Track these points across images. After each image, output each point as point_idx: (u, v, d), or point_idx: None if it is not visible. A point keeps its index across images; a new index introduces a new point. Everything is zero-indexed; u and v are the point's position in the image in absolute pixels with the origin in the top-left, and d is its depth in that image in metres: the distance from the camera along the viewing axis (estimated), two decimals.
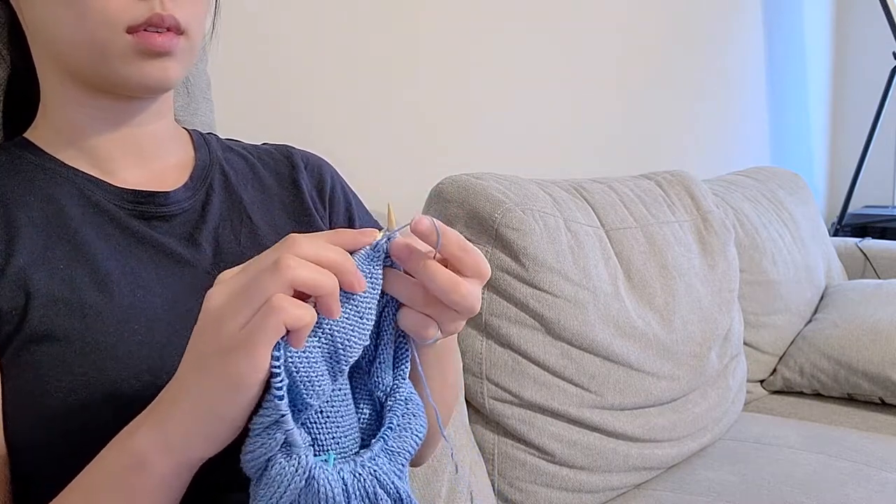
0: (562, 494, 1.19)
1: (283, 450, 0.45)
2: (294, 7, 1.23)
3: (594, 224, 1.32)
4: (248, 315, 0.43)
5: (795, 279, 1.89)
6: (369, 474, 0.47)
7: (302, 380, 0.45)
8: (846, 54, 3.36)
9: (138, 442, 0.46)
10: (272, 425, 0.44)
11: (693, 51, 2.29)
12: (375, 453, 0.49)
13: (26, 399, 0.54)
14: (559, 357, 1.18)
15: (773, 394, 1.81)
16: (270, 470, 0.45)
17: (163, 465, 0.46)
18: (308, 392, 0.46)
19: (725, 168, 2.39)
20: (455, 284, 0.48)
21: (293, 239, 0.45)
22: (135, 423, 0.48)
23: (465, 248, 0.49)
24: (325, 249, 0.45)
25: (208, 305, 0.45)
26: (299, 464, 0.44)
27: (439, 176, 1.23)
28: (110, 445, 0.49)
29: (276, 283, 0.43)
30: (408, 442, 0.51)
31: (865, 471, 1.29)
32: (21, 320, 0.55)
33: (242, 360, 0.43)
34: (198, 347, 0.45)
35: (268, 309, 0.42)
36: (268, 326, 0.42)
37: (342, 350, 0.47)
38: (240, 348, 0.43)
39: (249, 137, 0.82)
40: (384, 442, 0.50)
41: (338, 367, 0.47)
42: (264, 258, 0.45)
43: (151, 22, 0.58)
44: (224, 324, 0.44)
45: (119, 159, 0.65)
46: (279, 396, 0.44)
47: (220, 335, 0.44)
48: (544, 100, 1.76)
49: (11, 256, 0.57)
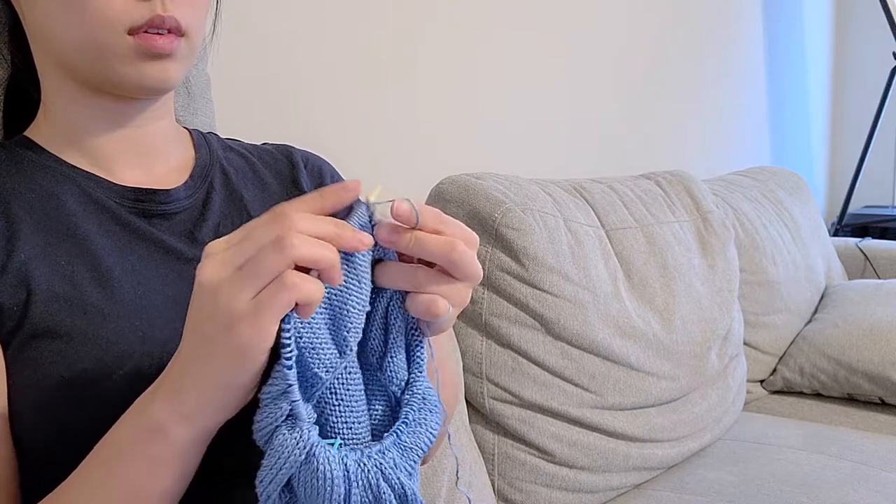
0: (562, 494, 1.19)
1: (288, 422, 0.45)
2: (294, 8, 1.23)
3: (594, 224, 1.33)
4: (253, 290, 0.44)
5: (795, 279, 1.89)
6: (374, 466, 0.47)
7: (306, 346, 0.46)
8: (846, 54, 3.36)
9: (156, 413, 0.47)
10: (280, 395, 0.45)
11: (693, 51, 2.30)
12: (386, 447, 0.48)
13: (29, 394, 0.55)
14: (559, 357, 1.18)
15: (773, 394, 1.81)
16: (274, 440, 0.45)
17: (181, 433, 0.47)
18: (313, 360, 0.46)
19: (725, 168, 2.39)
20: (450, 244, 0.48)
21: (287, 215, 0.45)
22: (146, 396, 0.49)
23: (444, 221, 0.49)
24: (322, 224, 0.45)
25: (202, 279, 0.45)
26: (301, 437, 0.45)
27: (439, 176, 1.23)
28: (123, 420, 0.50)
29: (282, 260, 0.43)
30: (422, 438, 0.50)
31: (865, 471, 1.29)
32: (23, 316, 0.56)
33: (250, 332, 0.43)
34: (199, 322, 0.46)
35: (279, 285, 0.43)
36: (279, 302, 0.43)
37: (343, 315, 0.47)
38: (246, 321, 0.43)
39: (249, 137, 0.82)
40: (397, 437, 0.49)
41: (340, 335, 0.47)
42: (259, 232, 0.45)
43: (152, 23, 0.58)
44: (227, 298, 0.44)
45: (120, 159, 0.65)
46: (288, 366, 0.44)
47: (225, 309, 0.44)
48: (544, 100, 1.76)
49: (13, 253, 0.57)
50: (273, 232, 0.44)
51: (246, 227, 0.46)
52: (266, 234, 0.44)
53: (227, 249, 0.45)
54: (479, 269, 0.50)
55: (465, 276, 0.49)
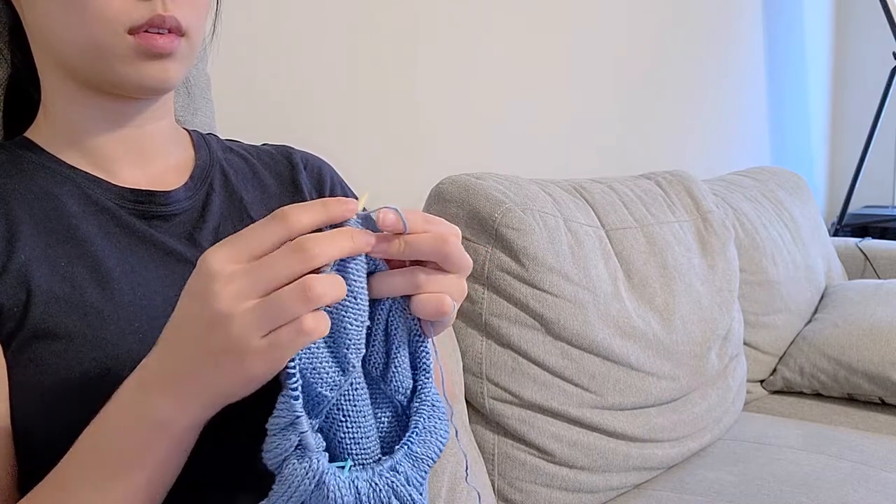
0: (562, 494, 1.19)
1: (297, 452, 0.45)
2: (294, 8, 1.23)
3: (594, 224, 1.33)
4: (269, 328, 0.44)
5: (795, 279, 1.89)
6: (386, 485, 0.47)
7: (306, 366, 0.46)
8: (846, 54, 3.36)
9: (158, 411, 0.47)
10: (287, 427, 0.45)
11: (693, 51, 2.30)
12: (398, 461, 0.48)
13: (29, 394, 0.55)
14: (559, 357, 1.18)
15: (773, 394, 1.81)
16: (284, 469, 0.46)
17: (181, 425, 0.48)
18: (316, 380, 0.46)
19: (725, 168, 2.39)
20: (441, 237, 0.49)
21: (306, 249, 0.44)
22: (140, 389, 0.48)
23: (429, 220, 0.50)
24: (339, 246, 0.45)
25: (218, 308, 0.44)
26: (310, 467, 0.45)
27: (439, 176, 1.23)
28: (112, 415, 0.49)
29: (305, 308, 0.43)
30: (432, 447, 0.50)
31: (865, 471, 1.29)
32: (23, 317, 0.56)
33: (263, 367, 0.44)
34: (205, 341, 0.45)
35: (297, 331, 0.43)
36: (295, 345, 0.44)
37: (341, 333, 0.47)
38: (260, 357, 0.44)
39: (249, 137, 0.82)
40: (409, 447, 0.49)
41: (340, 353, 0.47)
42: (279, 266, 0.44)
43: (153, 23, 0.58)
44: (241, 331, 0.43)
45: (119, 159, 0.65)
46: (294, 397, 0.45)
47: (238, 342, 0.44)
48: (544, 100, 1.76)
49: (13, 253, 0.57)
50: (293, 266, 0.44)
51: (252, 239, 0.45)
52: (286, 268, 0.44)
53: (237, 275, 0.44)
54: (469, 258, 0.51)
55: (458, 267, 0.50)
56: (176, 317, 0.47)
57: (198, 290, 0.45)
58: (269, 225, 0.45)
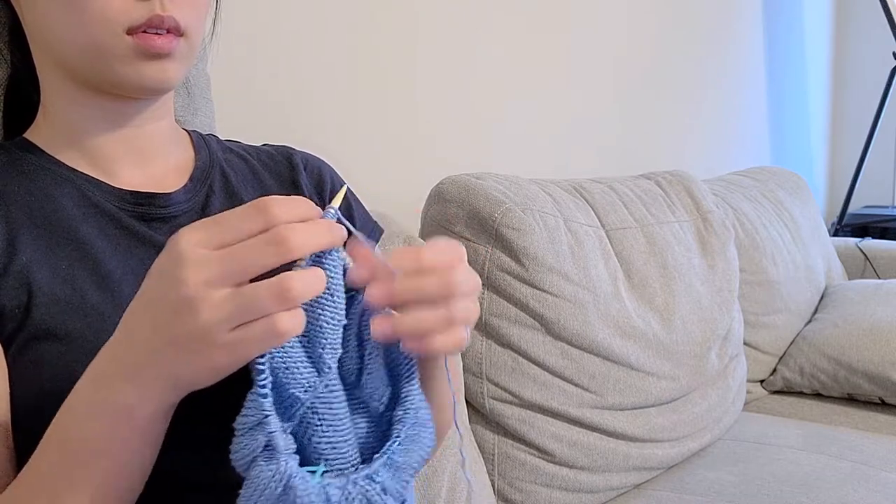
0: (562, 494, 1.19)
1: (265, 453, 0.43)
2: (294, 8, 1.23)
3: (594, 224, 1.33)
4: (239, 320, 0.42)
5: (795, 279, 1.89)
6: (360, 493, 0.44)
7: (279, 366, 0.44)
8: (846, 54, 3.36)
9: (119, 395, 0.45)
10: (255, 426, 0.43)
11: (693, 50, 2.30)
12: (375, 470, 0.46)
13: (29, 395, 0.55)
14: (559, 357, 1.18)
15: (773, 394, 1.81)
16: (251, 471, 0.43)
17: (145, 410, 0.46)
18: (289, 380, 0.44)
19: (725, 168, 2.39)
20: (445, 283, 0.47)
21: (286, 239, 0.42)
22: (102, 374, 0.47)
23: (419, 258, 0.48)
24: (318, 238, 0.44)
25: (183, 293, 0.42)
26: (278, 469, 0.43)
27: (439, 176, 1.23)
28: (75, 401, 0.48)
29: (279, 305, 0.42)
30: (414, 456, 0.48)
31: (865, 471, 1.29)
32: (24, 318, 0.56)
33: (227, 360, 0.43)
34: (169, 326, 0.43)
35: (269, 331, 0.42)
36: (265, 342, 0.42)
37: (317, 332, 0.45)
38: (226, 350, 0.42)
39: (249, 137, 0.82)
40: (389, 456, 0.47)
41: (315, 353, 0.45)
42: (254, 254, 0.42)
43: (151, 23, 0.58)
44: (209, 321, 0.42)
45: (119, 160, 0.65)
46: (263, 395, 0.43)
47: (203, 332, 0.42)
48: (544, 100, 1.76)
49: (14, 255, 0.57)
50: (270, 258, 0.42)
51: (228, 225, 0.43)
52: (261, 258, 0.42)
53: (209, 260, 0.42)
54: (477, 277, 0.49)
55: (467, 291, 0.49)
56: (140, 298, 0.45)
57: (165, 272, 0.43)
58: (248, 213, 0.44)
